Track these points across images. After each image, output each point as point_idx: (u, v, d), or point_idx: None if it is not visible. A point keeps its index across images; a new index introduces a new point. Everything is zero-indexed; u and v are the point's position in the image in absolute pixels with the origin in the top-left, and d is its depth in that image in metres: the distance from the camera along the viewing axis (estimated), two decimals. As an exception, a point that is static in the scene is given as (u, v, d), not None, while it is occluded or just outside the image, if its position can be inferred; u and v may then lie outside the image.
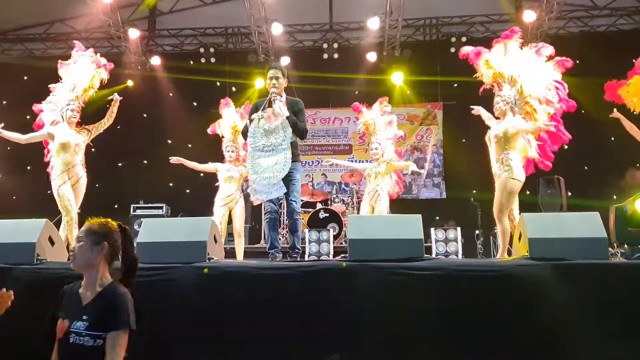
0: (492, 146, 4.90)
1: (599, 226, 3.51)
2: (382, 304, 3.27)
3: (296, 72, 10.45)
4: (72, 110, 5.23)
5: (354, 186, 9.31)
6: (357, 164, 6.59)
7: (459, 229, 6.44)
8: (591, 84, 9.15)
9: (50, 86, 5.45)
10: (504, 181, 4.74)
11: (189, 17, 11.07)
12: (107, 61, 5.64)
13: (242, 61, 10.82)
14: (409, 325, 3.23)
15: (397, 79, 10.45)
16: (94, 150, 8.83)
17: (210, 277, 3.41)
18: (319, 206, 8.80)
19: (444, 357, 3.21)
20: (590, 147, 9.20)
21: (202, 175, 6.91)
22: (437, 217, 9.59)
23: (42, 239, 3.80)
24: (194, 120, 10.00)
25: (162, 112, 10.73)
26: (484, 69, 5.11)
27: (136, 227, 8.08)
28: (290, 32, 10.87)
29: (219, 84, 10.93)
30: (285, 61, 10.54)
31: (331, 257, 6.36)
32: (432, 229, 6.45)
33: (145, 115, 10.92)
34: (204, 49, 10.88)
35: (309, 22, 10.91)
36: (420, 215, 3.76)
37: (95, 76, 5.44)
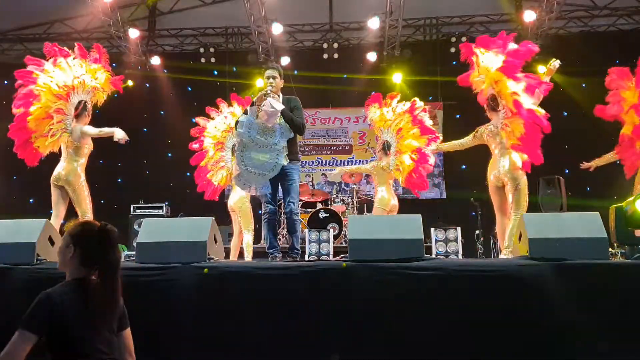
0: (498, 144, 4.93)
1: (599, 226, 3.51)
2: (383, 304, 3.27)
3: (296, 72, 10.49)
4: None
5: (354, 186, 9.30)
6: (365, 166, 6.58)
7: (459, 229, 6.43)
8: (591, 83, 9.19)
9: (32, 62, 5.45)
10: None
11: (189, 17, 11.05)
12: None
13: (242, 61, 10.82)
14: (409, 325, 3.23)
15: (397, 79, 10.45)
16: (93, 150, 8.88)
17: (210, 277, 3.41)
18: (319, 206, 8.80)
19: (444, 357, 3.21)
20: (590, 147, 9.18)
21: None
22: (437, 217, 9.58)
23: (42, 239, 3.81)
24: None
25: (162, 112, 10.73)
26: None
27: (136, 227, 8.08)
28: (290, 32, 10.87)
29: (219, 84, 10.93)
30: (285, 61, 10.54)
31: (331, 257, 6.36)
32: (432, 229, 6.44)
33: (145, 115, 10.91)
34: (204, 49, 10.87)
35: (309, 22, 10.90)
36: (420, 215, 3.76)
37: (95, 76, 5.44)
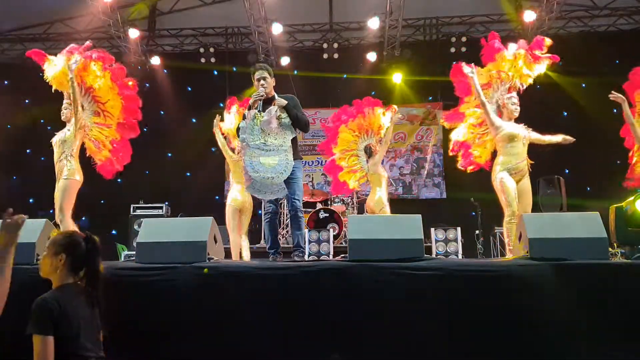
0: (517, 145, 4.81)
1: (599, 226, 3.51)
2: (382, 304, 3.27)
3: (296, 72, 10.48)
4: (64, 109, 5.24)
5: (354, 186, 9.30)
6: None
7: (459, 229, 6.44)
8: (591, 83, 9.21)
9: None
10: (529, 183, 4.81)
11: (189, 17, 11.05)
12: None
13: (242, 61, 10.80)
14: (409, 325, 3.23)
15: (397, 79, 10.45)
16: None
17: (210, 277, 3.41)
18: (319, 206, 8.81)
19: (444, 357, 3.21)
20: (590, 147, 9.19)
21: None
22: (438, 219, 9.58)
23: (42, 239, 3.80)
24: (194, 120, 10.02)
25: (162, 112, 10.73)
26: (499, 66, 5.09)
27: (136, 227, 8.09)
28: (290, 32, 10.87)
29: (219, 84, 10.93)
30: (285, 61, 10.55)
31: (331, 257, 6.37)
32: (432, 229, 6.45)
33: (145, 115, 10.90)
34: (204, 49, 10.87)
35: (309, 22, 10.90)
36: (420, 215, 3.76)
37: (67, 66, 5.12)
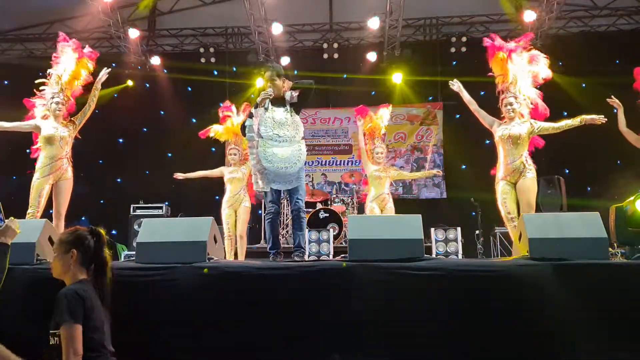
0: (510, 145, 4.82)
1: (599, 226, 3.52)
2: (382, 304, 3.27)
3: (296, 72, 10.47)
4: (56, 103, 5.07)
5: (354, 186, 9.32)
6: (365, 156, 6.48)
7: (459, 229, 6.44)
8: (591, 83, 9.20)
9: (37, 81, 5.27)
10: (532, 181, 4.75)
11: (189, 17, 11.05)
12: (91, 49, 5.43)
13: (242, 61, 10.81)
14: (409, 325, 3.23)
15: (397, 79, 10.45)
16: (93, 149, 8.90)
17: (210, 277, 3.41)
18: (319, 206, 8.81)
19: (444, 357, 3.21)
20: (590, 147, 9.20)
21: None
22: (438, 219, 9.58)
23: (42, 239, 3.80)
24: (194, 120, 10.02)
25: (162, 112, 10.73)
26: (498, 66, 5.06)
27: (136, 227, 8.09)
28: (290, 32, 10.86)
29: (219, 84, 10.93)
30: (285, 61, 10.54)
31: (331, 257, 6.36)
32: (432, 229, 6.45)
33: (145, 115, 10.91)
34: (204, 49, 10.86)
35: (309, 22, 10.89)
36: (420, 215, 3.76)
37: (78, 66, 5.24)
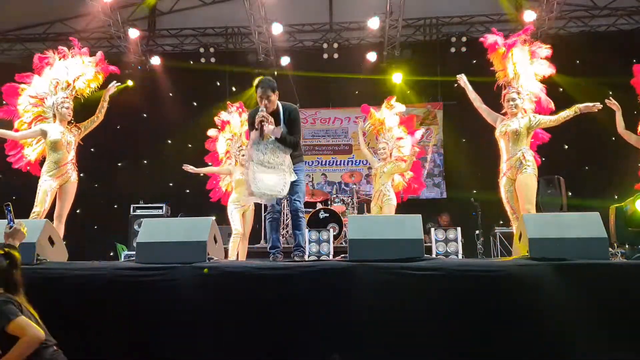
0: (508, 141, 4.81)
1: (599, 226, 3.51)
2: (382, 304, 3.27)
3: (296, 72, 10.48)
4: (66, 108, 5.14)
5: (354, 186, 9.31)
6: (371, 155, 6.47)
7: (459, 229, 6.44)
8: (591, 83, 9.19)
9: (21, 76, 5.32)
10: (531, 177, 4.68)
11: (189, 17, 11.04)
12: (107, 62, 5.55)
13: (242, 61, 10.81)
14: (409, 325, 3.23)
15: (397, 79, 10.45)
16: (93, 150, 8.89)
17: (210, 277, 3.41)
18: (319, 206, 8.81)
19: (444, 357, 3.21)
20: (590, 147, 9.20)
21: (203, 175, 6.91)
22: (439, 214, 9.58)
23: (42, 239, 3.80)
24: (194, 120, 10.00)
25: (162, 112, 10.72)
26: (498, 61, 5.04)
27: (136, 227, 8.09)
28: (290, 32, 10.86)
29: (219, 84, 10.92)
30: (285, 61, 10.54)
31: (331, 257, 6.37)
32: (432, 229, 6.46)
33: (145, 115, 10.91)
34: (204, 49, 10.86)
35: (309, 22, 10.89)
36: (420, 215, 3.76)
37: (94, 78, 5.39)
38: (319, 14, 10.87)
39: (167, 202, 9.04)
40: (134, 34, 10.17)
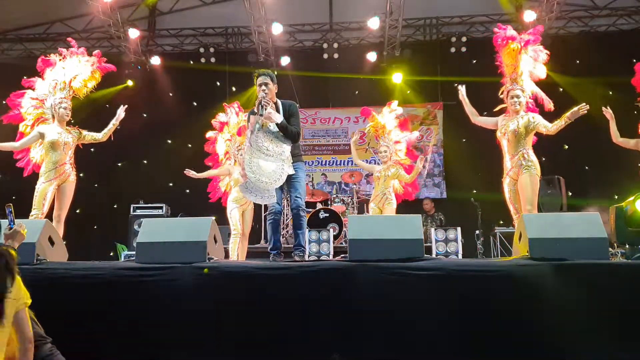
0: (509, 141, 4.82)
1: (599, 226, 3.52)
2: (382, 304, 3.27)
3: (296, 72, 10.48)
4: (64, 108, 5.17)
5: (354, 186, 9.31)
6: (366, 164, 6.50)
7: (459, 229, 6.44)
8: (591, 83, 9.20)
9: (26, 80, 5.36)
10: (532, 177, 4.67)
11: (189, 17, 11.04)
12: (106, 62, 5.56)
13: (242, 61, 10.80)
14: (409, 325, 3.23)
15: (397, 79, 10.45)
16: (93, 150, 8.89)
17: (210, 277, 3.41)
18: (319, 206, 8.81)
19: (444, 357, 3.21)
20: (590, 147, 9.20)
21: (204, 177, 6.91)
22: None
23: (42, 239, 3.81)
24: (194, 120, 9.99)
25: (162, 112, 10.72)
26: (510, 56, 4.99)
27: (136, 227, 8.09)
28: (290, 32, 10.86)
29: (219, 83, 10.92)
30: (285, 61, 10.54)
31: (331, 257, 6.37)
32: (432, 229, 6.46)
33: (145, 115, 10.90)
34: (204, 49, 10.86)
35: (309, 22, 10.89)
36: (420, 215, 3.77)
37: (91, 77, 5.40)
38: (318, 14, 10.87)
39: (167, 202, 9.04)
40: (134, 34, 10.17)
